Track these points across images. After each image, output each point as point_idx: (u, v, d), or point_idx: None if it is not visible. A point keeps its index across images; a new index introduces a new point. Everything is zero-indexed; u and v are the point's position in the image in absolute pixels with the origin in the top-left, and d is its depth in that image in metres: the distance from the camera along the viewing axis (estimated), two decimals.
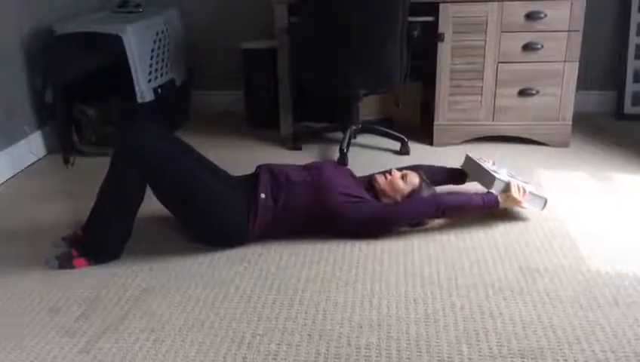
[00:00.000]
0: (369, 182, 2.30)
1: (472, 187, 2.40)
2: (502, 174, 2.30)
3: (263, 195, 2.09)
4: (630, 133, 3.22)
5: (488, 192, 2.25)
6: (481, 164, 2.38)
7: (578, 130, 3.15)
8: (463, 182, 2.47)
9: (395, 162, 2.83)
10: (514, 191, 2.22)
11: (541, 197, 2.29)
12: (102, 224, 2.07)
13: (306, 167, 2.26)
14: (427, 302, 1.80)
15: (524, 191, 2.26)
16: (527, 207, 2.28)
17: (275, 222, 2.11)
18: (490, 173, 2.29)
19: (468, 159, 2.46)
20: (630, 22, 3.37)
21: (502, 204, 2.23)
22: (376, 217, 2.15)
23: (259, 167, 2.24)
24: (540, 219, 2.30)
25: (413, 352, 1.59)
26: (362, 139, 3.22)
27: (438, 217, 2.20)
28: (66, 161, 2.98)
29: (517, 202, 2.24)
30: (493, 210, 2.25)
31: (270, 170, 2.20)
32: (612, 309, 1.75)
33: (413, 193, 2.23)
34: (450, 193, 2.35)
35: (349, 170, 2.41)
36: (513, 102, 3.01)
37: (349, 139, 3.02)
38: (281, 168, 2.22)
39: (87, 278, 1.98)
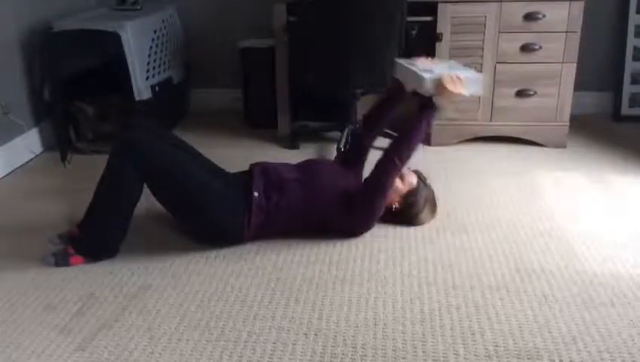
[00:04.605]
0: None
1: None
2: (438, 69, 2.08)
3: (256, 194, 2.09)
4: (627, 135, 3.22)
5: (422, 106, 2.10)
6: (410, 66, 2.14)
7: (575, 131, 3.15)
8: (403, 95, 2.25)
9: None
10: (446, 84, 2.01)
11: (478, 79, 2.09)
12: (99, 221, 2.07)
13: (298, 166, 2.25)
14: (423, 301, 1.80)
15: (458, 78, 2.04)
16: (469, 95, 2.07)
17: (269, 221, 2.10)
18: (417, 74, 2.07)
19: (398, 66, 2.20)
20: (628, 23, 3.37)
21: (439, 102, 2.07)
22: (362, 207, 2.13)
23: (252, 165, 2.24)
24: (536, 219, 2.30)
25: (409, 352, 1.59)
26: None
27: (401, 167, 2.11)
28: (63, 159, 2.97)
29: (453, 94, 2.03)
30: (438, 114, 2.11)
31: (264, 168, 2.19)
32: (608, 309, 1.75)
33: (411, 193, 2.23)
34: (394, 138, 2.21)
35: (343, 167, 2.39)
36: (511, 103, 3.02)
37: (347, 138, 3.02)
38: (274, 166, 2.22)
39: (84, 276, 1.98)
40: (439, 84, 2.02)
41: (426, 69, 2.10)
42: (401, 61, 2.21)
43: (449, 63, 2.21)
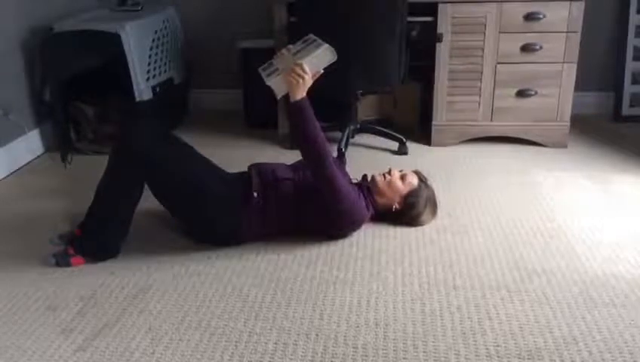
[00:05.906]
0: (364, 178, 2.29)
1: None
2: (283, 63, 2.04)
3: (255, 194, 2.09)
4: (628, 135, 3.22)
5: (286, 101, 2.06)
6: (264, 71, 2.10)
7: (576, 131, 3.15)
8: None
9: (393, 162, 2.83)
10: (288, 80, 2.02)
11: (322, 53, 2.03)
12: (100, 222, 2.07)
13: (292, 166, 2.26)
14: (424, 302, 1.80)
15: (298, 66, 2.01)
16: (320, 70, 2.06)
17: (268, 221, 2.11)
18: (265, 81, 2.05)
19: (262, 76, 2.12)
20: (628, 23, 3.37)
21: (293, 97, 2.03)
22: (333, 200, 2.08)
23: (250, 166, 2.24)
24: (537, 219, 2.31)
25: (410, 352, 1.59)
26: (361, 138, 3.22)
27: (323, 152, 2.03)
28: (64, 159, 2.97)
29: (298, 84, 2.01)
30: (302, 102, 2.03)
31: (261, 168, 2.20)
32: (609, 310, 1.75)
33: (412, 194, 2.23)
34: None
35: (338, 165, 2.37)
36: (511, 103, 3.02)
37: (348, 138, 3.02)
38: (270, 167, 2.22)
39: (84, 276, 1.98)
40: (286, 81, 2.02)
41: (277, 67, 2.08)
42: (261, 70, 2.15)
43: (300, 46, 2.12)
